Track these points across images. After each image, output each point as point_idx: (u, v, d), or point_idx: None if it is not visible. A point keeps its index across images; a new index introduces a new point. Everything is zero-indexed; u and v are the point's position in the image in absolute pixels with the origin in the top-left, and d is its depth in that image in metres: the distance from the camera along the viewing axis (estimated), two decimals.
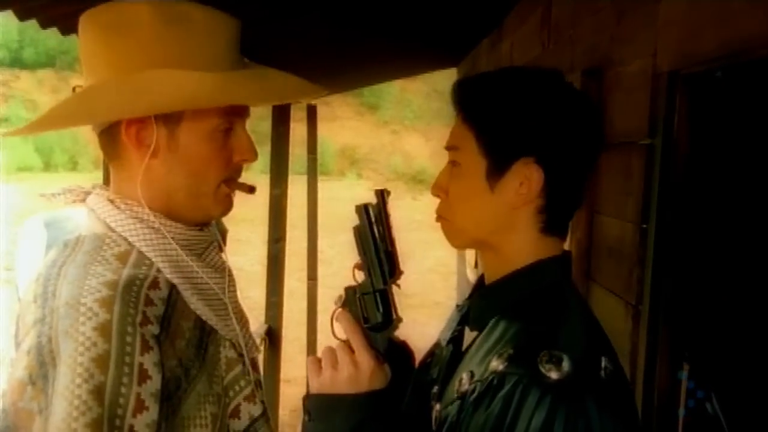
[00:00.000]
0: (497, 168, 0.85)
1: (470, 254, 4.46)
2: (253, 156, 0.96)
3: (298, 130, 4.97)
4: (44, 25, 1.90)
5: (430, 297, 9.66)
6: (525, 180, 0.84)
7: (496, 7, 3.24)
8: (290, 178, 4.15)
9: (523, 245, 0.87)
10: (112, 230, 0.90)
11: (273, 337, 3.93)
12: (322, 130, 6.42)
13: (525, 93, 0.85)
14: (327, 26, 3.06)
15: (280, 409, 4.28)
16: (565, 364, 0.72)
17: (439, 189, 0.92)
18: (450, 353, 0.93)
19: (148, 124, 0.89)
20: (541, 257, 0.87)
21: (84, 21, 0.91)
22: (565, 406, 0.70)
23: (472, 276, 4.47)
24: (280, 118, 4.08)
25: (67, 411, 0.72)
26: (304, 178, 5.89)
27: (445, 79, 5.96)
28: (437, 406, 0.89)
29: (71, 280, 0.82)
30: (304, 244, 5.89)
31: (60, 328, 0.77)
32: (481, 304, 0.92)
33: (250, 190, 1.00)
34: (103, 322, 0.77)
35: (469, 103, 0.88)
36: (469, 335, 0.91)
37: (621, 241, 1.75)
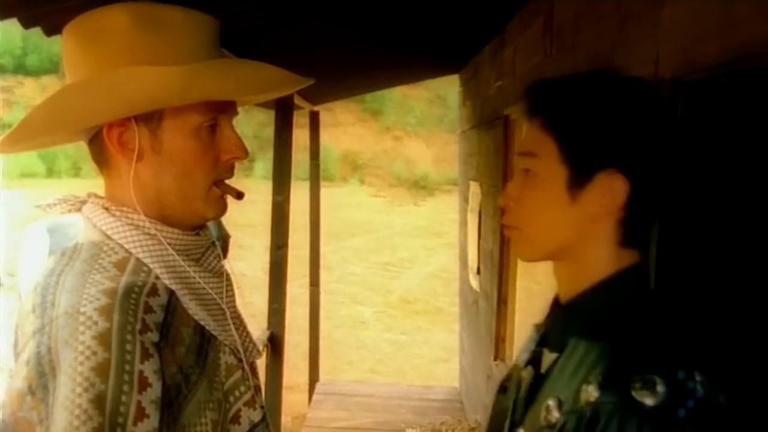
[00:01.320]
0: (580, 178, 0.82)
1: (473, 260, 4.45)
2: (243, 153, 0.94)
3: (300, 136, 4.98)
4: (49, 32, 1.91)
5: (432, 303, 9.66)
6: (608, 192, 0.81)
7: (499, 13, 3.24)
8: (293, 184, 4.15)
9: (601, 258, 0.84)
10: (109, 238, 0.90)
11: (275, 343, 3.92)
12: (325, 136, 6.43)
13: (612, 101, 0.82)
14: (330, 33, 3.07)
15: (283, 416, 4.27)
16: (660, 388, 0.70)
17: (509, 198, 0.88)
18: (531, 376, 0.90)
19: (129, 126, 0.88)
20: (619, 268, 0.84)
21: (65, 31, 0.91)
22: None
23: (474, 282, 4.46)
24: (283, 124, 4.09)
25: (68, 420, 0.72)
26: (307, 184, 5.89)
27: (447, 85, 5.98)
28: (520, 431, 0.87)
29: (70, 289, 0.81)
30: (307, 250, 5.89)
31: (59, 338, 0.76)
32: (559, 323, 0.89)
33: (238, 195, 0.98)
34: (103, 331, 0.76)
35: (550, 108, 0.84)
36: (548, 356, 0.88)
37: None
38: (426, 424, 4.70)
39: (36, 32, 1.88)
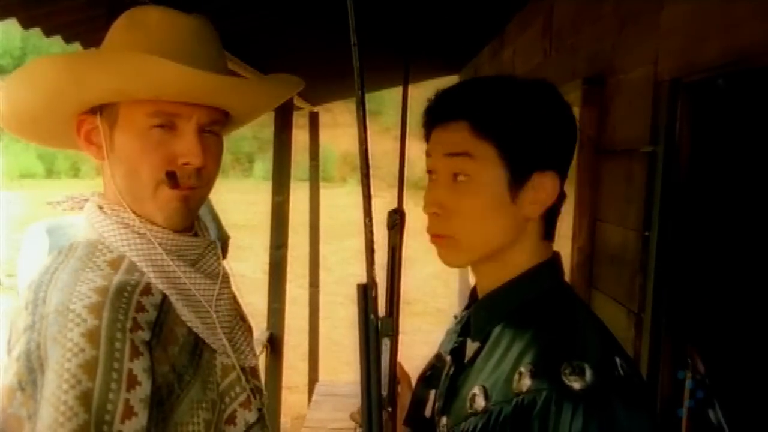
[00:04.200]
0: (519, 179, 0.83)
1: None
2: (195, 160, 0.89)
3: (300, 136, 4.98)
4: (48, 33, 1.91)
5: (431, 304, 9.64)
6: (542, 190, 0.84)
7: (498, 14, 3.24)
8: (292, 184, 4.15)
9: (526, 253, 0.87)
10: (105, 237, 0.90)
11: (275, 344, 3.92)
12: (324, 136, 6.43)
13: (541, 104, 0.85)
14: (329, 33, 3.07)
15: (282, 416, 4.27)
16: (588, 373, 0.74)
17: (436, 206, 0.87)
18: (453, 365, 0.92)
19: (95, 123, 0.90)
20: (539, 260, 0.87)
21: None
22: (596, 412, 0.72)
23: (474, 282, 4.45)
24: (282, 124, 4.09)
25: (54, 417, 0.72)
26: (306, 185, 5.89)
27: (447, 85, 5.97)
28: (444, 420, 0.88)
29: (61, 286, 0.81)
30: (306, 250, 5.89)
31: (49, 335, 0.77)
32: (481, 314, 0.90)
33: (173, 186, 0.89)
34: (92, 328, 0.76)
35: (483, 112, 0.84)
36: (471, 346, 0.90)
37: (623, 249, 1.75)
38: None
39: (35, 33, 1.88)
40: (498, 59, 3.72)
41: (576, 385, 0.73)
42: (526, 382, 0.76)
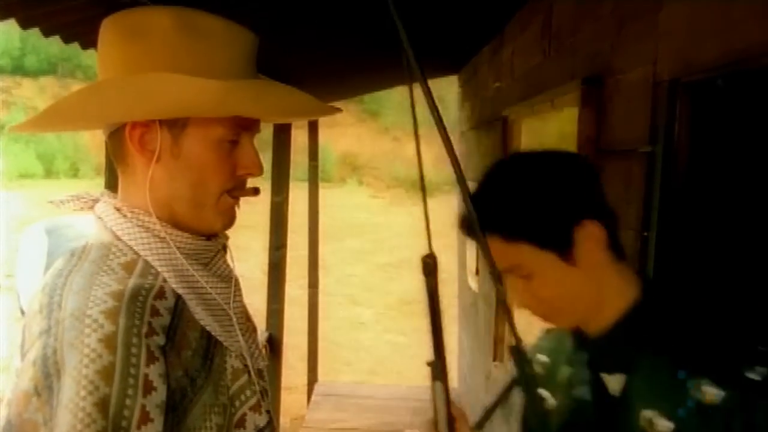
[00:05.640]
0: (565, 247, 0.89)
1: (471, 261, 4.45)
2: (258, 170, 0.95)
3: (299, 137, 4.98)
4: (47, 33, 1.91)
5: None
6: (589, 238, 0.89)
7: (497, 14, 3.24)
8: (291, 185, 4.15)
9: (616, 282, 0.93)
10: (119, 239, 0.90)
11: (274, 344, 3.92)
12: (323, 136, 6.43)
13: (544, 177, 0.91)
14: (329, 34, 3.07)
15: (282, 417, 4.27)
16: (757, 368, 0.80)
17: (526, 306, 0.95)
18: (595, 402, 0.96)
19: (152, 128, 0.89)
20: (630, 286, 0.93)
21: (104, 24, 0.92)
22: None
23: (473, 283, 4.46)
24: (282, 125, 4.09)
25: (72, 423, 0.72)
26: (306, 185, 5.89)
27: (447, 85, 5.97)
28: None
29: (77, 290, 0.81)
30: (305, 251, 5.89)
31: (65, 340, 0.76)
32: (617, 345, 0.94)
33: (255, 191, 0.99)
34: (109, 334, 0.76)
35: (504, 223, 0.90)
36: (614, 379, 0.93)
37: None
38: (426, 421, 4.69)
39: (34, 33, 1.88)
40: (497, 59, 3.72)
41: (755, 377, 0.79)
42: (713, 391, 0.80)
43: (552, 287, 0.91)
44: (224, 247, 1.01)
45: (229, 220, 0.97)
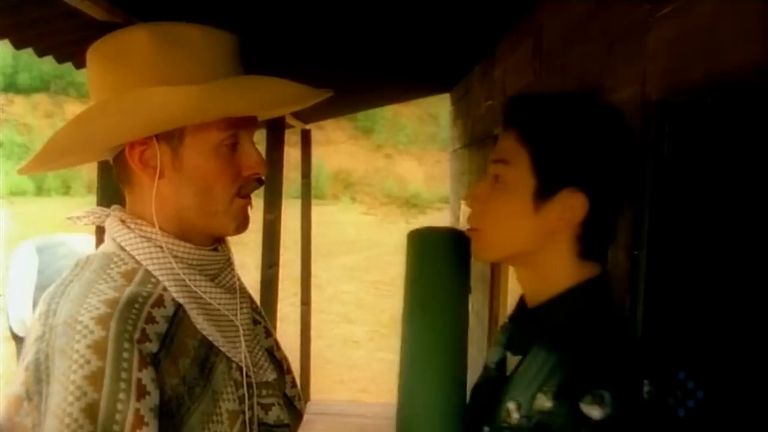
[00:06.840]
0: (545, 191, 0.86)
1: None
2: (262, 168, 0.96)
3: (292, 154, 4.99)
4: (40, 53, 1.92)
5: None
6: (569, 208, 0.86)
7: (489, 34, 3.28)
8: (284, 202, 4.15)
9: (561, 268, 0.89)
10: (122, 249, 0.91)
11: None
12: (316, 154, 6.45)
13: (586, 124, 0.87)
14: (322, 52, 3.10)
15: None
16: (607, 401, 0.74)
17: (476, 199, 0.93)
18: (496, 377, 0.95)
19: (150, 145, 0.90)
20: (580, 280, 0.89)
21: (89, 54, 0.93)
22: None
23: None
24: (275, 142, 4.10)
25: (58, 429, 0.73)
26: (298, 202, 5.88)
27: (438, 103, 6.01)
28: (486, 429, 0.91)
29: (72, 298, 0.82)
30: (298, 268, 5.87)
31: (56, 346, 0.77)
32: (522, 329, 0.93)
33: (259, 182, 0.98)
34: (98, 340, 0.77)
35: (527, 121, 0.89)
36: (512, 359, 0.93)
37: (612, 268, 1.75)
38: None
39: (27, 51, 1.89)
40: (489, 78, 3.76)
41: (594, 413, 0.73)
42: (547, 404, 0.77)
43: (503, 204, 0.89)
44: (230, 260, 1.02)
45: (243, 222, 0.97)
